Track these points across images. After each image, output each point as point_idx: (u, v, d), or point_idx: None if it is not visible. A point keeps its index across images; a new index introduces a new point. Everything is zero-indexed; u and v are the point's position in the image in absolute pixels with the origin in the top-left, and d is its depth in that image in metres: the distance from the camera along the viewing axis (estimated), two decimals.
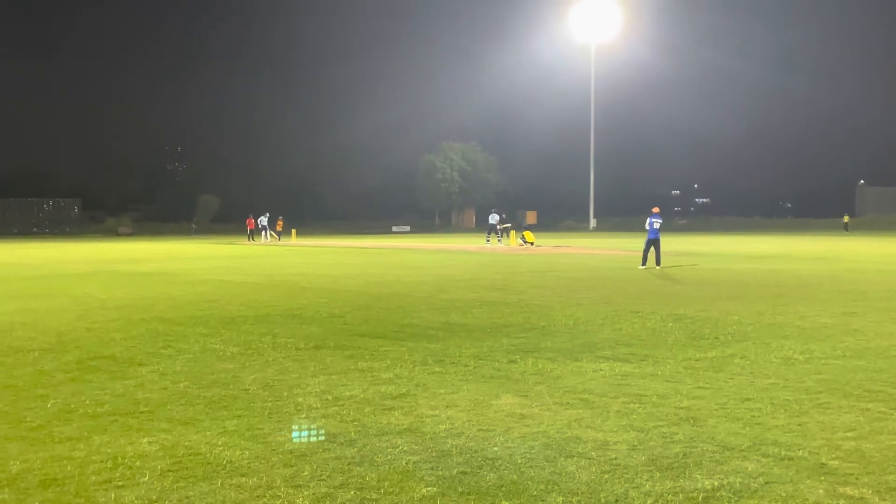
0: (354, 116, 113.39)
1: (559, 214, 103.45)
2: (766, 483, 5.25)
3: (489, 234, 47.39)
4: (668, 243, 39.57)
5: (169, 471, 5.54)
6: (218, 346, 10.55)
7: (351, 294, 17.69)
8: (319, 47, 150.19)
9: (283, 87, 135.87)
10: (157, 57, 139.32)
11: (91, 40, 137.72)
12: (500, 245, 45.31)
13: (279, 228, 61.07)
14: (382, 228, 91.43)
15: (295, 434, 6.46)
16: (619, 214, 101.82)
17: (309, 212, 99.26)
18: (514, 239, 48.24)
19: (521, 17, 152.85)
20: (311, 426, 6.65)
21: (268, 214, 59.90)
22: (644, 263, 25.83)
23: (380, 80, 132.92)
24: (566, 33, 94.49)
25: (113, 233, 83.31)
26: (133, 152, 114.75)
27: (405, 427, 6.58)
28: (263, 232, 59.12)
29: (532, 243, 44.84)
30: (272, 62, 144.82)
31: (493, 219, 47.20)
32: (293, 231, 65.18)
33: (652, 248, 25.80)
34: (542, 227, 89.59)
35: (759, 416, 6.88)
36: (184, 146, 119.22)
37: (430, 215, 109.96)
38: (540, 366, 9.14)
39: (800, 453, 5.89)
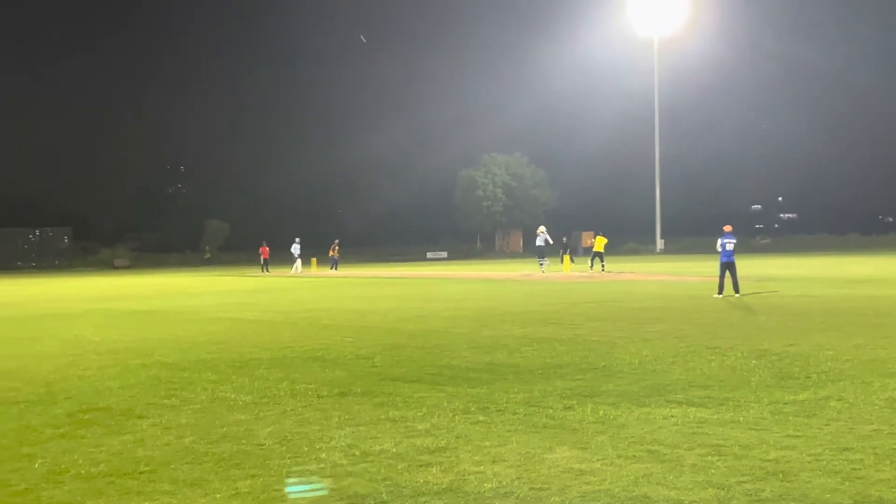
0: (379, 126, 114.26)
1: (620, 235, 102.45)
2: None
3: (541, 259, 46.58)
4: (749, 266, 39.21)
5: None
6: (229, 395, 10.58)
7: (380, 332, 17.68)
8: (336, 46, 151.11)
9: (297, 92, 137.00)
10: (153, 65, 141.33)
11: (80, 49, 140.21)
12: (542, 269, 44.76)
13: (334, 254, 59.58)
14: (415, 255, 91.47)
15: (318, 495, 6.44)
16: (691, 234, 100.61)
17: (329, 236, 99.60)
18: (567, 264, 48.05)
19: (571, 7, 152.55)
20: (337, 486, 6.63)
21: (298, 240, 58.65)
22: (720, 292, 25.60)
23: (409, 84, 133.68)
24: (625, 26, 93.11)
25: (108, 265, 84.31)
26: (129, 173, 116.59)
27: (444, 486, 6.54)
28: (296, 263, 58.15)
29: (601, 255, 44.73)
30: (282, 64, 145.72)
31: (541, 240, 46.79)
32: (313, 260, 65.36)
33: (728, 274, 25.62)
34: None
35: (860, 469, 6.75)
36: (186, 165, 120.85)
37: (470, 238, 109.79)
38: (601, 412, 9.04)
39: None
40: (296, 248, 58.43)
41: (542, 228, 47.06)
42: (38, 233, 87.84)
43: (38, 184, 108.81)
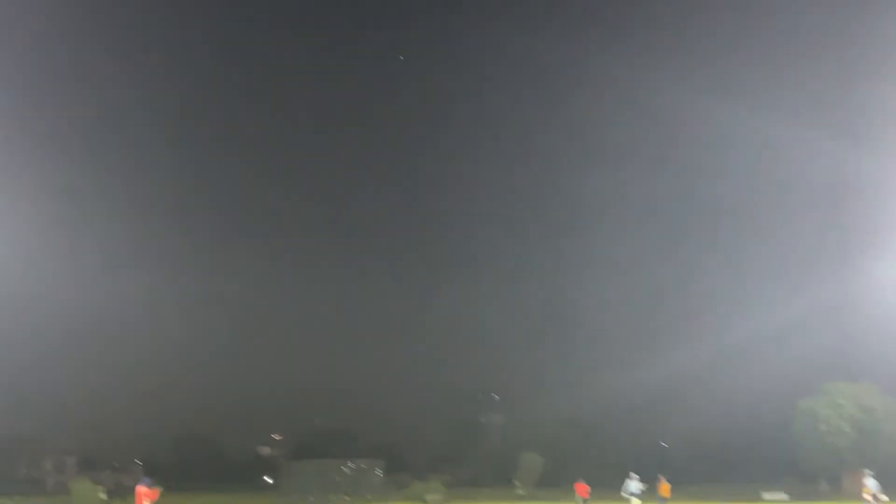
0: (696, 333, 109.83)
1: None
2: None
3: None
4: None
5: None
6: None
7: None
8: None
9: (609, 310, 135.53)
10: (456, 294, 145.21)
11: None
12: None
13: (664, 494, 52.34)
14: (747, 494, 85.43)
15: None
16: None
17: (649, 470, 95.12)
18: None
19: None
20: None
21: (636, 476, 52.13)
22: None
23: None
24: None
25: (420, 500, 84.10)
26: (440, 402, 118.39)
27: None
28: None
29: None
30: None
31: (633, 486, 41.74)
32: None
33: None
34: None
35: None
36: (501, 393, 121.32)
37: (811, 478, 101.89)
38: None
39: None
40: (634, 486, 51.13)
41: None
42: (351, 465, 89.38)
43: (352, 414, 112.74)
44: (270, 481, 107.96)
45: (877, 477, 48.23)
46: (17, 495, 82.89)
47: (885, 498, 46.92)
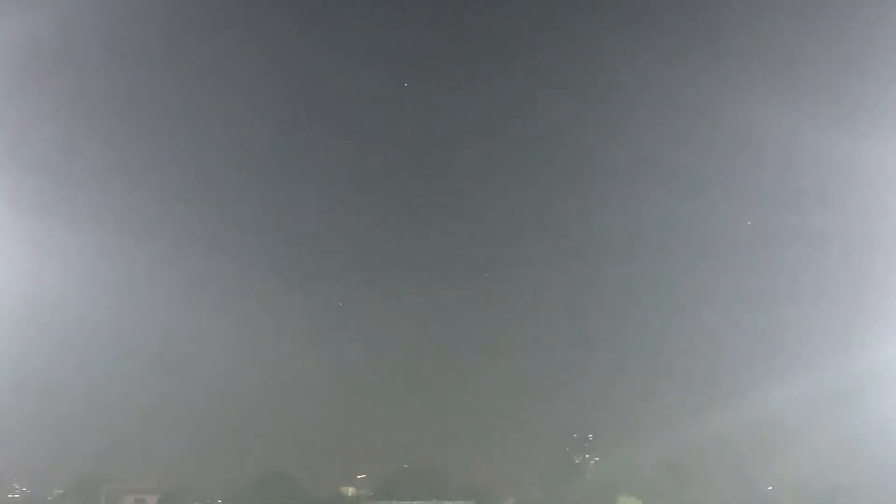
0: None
1: None
2: None
3: None
4: None
5: None
6: None
7: None
8: None
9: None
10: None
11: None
12: None
13: None
14: None
15: None
16: None
17: None
18: None
19: None
20: None
21: None
22: None
23: None
24: None
25: None
26: (532, 441, 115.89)
27: None
28: None
29: None
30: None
31: None
32: None
33: None
34: None
35: None
36: (596, 433, 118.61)
37: None
38: None
39: None
40: None
41: None
42: None
43: (440, 453, 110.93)
44: None
45: None
46: None
47: None
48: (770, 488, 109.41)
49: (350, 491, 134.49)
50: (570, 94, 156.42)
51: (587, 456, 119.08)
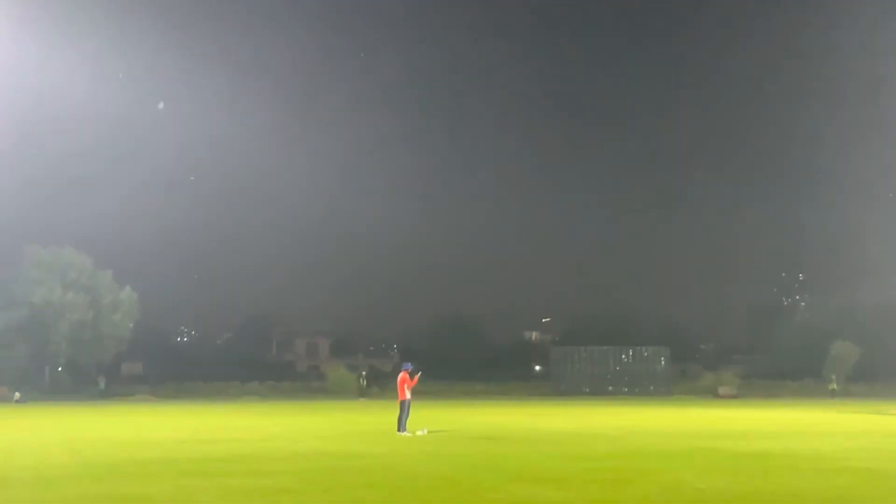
0: None
1: None
2: None
3: None
4: None
5: None
6: None
7: None
8: None
9: None
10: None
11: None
12: None
13: None
14: None
15: None
16: None
17: None
18: None
19: None
20: None
21: None
22: None
23: None
24: None
25: (710, 393, 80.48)
26: (738, 284, 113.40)
27: None
28: None
29: None
30: None
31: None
32: None
33: None
34: None
35: None
36: (806, 274, 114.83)
37: None
38: None
39: None
40: None
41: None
42: (631, 353, 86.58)
43: (636, 298, 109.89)
44: (538, 368, 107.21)
45: None
46: (269, 380, 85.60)
47: None
48: None
49: (534, 335, 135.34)
50: None
51: (797, 297, 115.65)
